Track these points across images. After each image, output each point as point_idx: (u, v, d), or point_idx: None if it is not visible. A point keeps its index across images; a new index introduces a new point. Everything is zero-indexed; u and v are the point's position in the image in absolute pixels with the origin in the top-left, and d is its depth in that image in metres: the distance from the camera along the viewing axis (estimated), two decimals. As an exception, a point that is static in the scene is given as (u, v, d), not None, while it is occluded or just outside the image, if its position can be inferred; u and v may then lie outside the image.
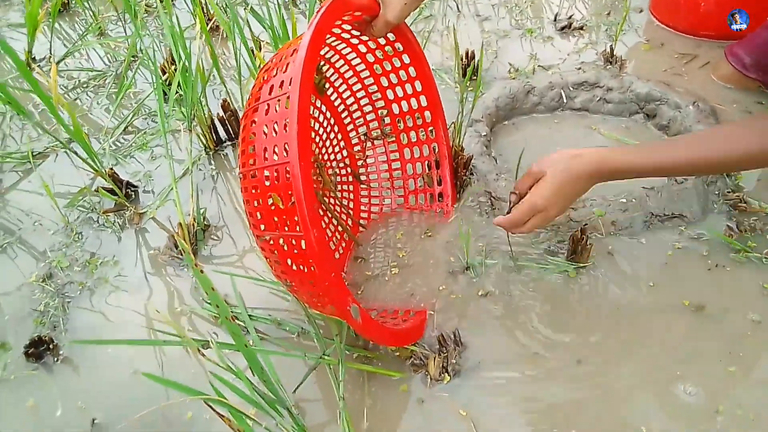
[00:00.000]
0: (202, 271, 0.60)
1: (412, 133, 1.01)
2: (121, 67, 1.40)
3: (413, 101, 0.98)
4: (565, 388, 0.76)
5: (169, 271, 0.96)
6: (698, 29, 1.33)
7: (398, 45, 0.92)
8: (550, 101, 1.22)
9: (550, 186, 0.73)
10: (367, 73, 0.97)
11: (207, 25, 1.45)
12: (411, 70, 0.95)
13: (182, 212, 0.97)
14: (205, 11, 1.47)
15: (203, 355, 0.61)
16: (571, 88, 1.22)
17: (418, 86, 0.96)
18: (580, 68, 1.26)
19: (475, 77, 1.28)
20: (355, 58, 0.95)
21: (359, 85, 0.99)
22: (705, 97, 1.15)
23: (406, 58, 0.93)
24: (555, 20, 1.43)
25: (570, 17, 1.42)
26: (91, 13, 1.54)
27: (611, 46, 1.27)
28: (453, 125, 1.01)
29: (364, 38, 0.90)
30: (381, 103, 1.01)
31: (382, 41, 0.91)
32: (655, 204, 0.96)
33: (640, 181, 1.00)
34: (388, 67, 0.95)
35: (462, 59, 1.27)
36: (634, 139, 1.12)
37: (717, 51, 1.28)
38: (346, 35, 0.88)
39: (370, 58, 0.95)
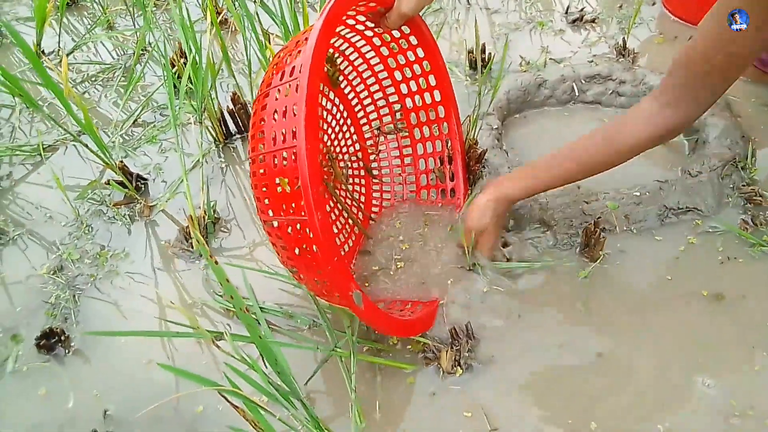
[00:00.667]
0: (216, 263, 0.60)
1: (425, 128, 1.00)
2: (129, 60, 1.40)
3: (427, 96, 0.97)
4: (584, 381, 0.75)
5: (180, 264, 0.96)
6: (711, 22, 1.32)
7: (412, 38, 0.91)
8: (562, 94, 1.21)
9: (494, 235, 0.88)
10: (381, 66, 0.96)
11: (217, 18, 1.45)
12: (425, 64, 0.94)
13: (192, 205, 0.97)
14: (214, 3, 1.47)
15: (218, 346, 0.61)
16: (583, 81, 1.21)
17: (432, 81, 0.95)
18: (592, 61, 1.24)
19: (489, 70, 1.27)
20: (370, 51, 0.94)
21: (373, 79, 0.98)
22: (719, 89, 1.14)
23: (420, 52, 0.93)
24: (566, 13, 1.42)
25: (581, 10, 1.41)
26: (100, 6, 1.54)
27: (624, 38, 1.26)
28: (468, 119, 1.00)
29: (379, 31, 0.89)
30: (395, 98, 1.00)
31: (396, 34, 0.90)
32: (669, 197, 0.95)
33: (653, 173, 1.00)
34: (402, 61, 0.95)
35: (473, 52, 1.26)
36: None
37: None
38: (360, 27, 0.88)
39: (385, 51, 0.94)
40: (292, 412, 0.68)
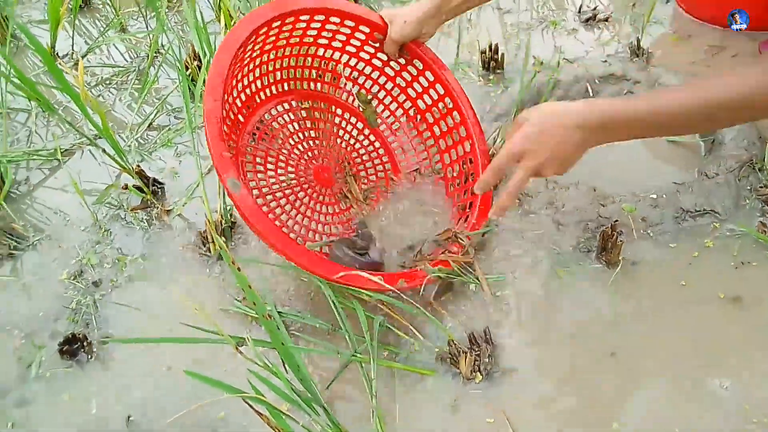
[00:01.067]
0: (239, 269, 0.60)
1: (456, 166, 1.01)
2: (143, 62, 1.40)
3: (454, 133, 0.99)
4: (603, 384, 0.76)
5: (197, 268, 0.97)
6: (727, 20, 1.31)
7: (418, 63, 0.97)
8: (576, 94, 1.20)
9: (531, 129, 0.67)
10: (409, 104, 1.03)
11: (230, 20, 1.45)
12: (438, 87, 0.98)
13: (210, 209, 0.97)
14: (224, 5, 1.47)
15: (241, 353, 0.61)
16: (597, 82, 1.20)
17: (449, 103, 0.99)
18: (606, 61, 1.24)
19: (499, 71, 1.27)
20: (394, 88, 1.02)
21: (405, 117, 1.04)
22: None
23: (430, 76, 0.97)
24: (579, 12, 1.41)
25: (594, 9, 1.40)
26: (112, 9, 1.54)
27: (638, 38, 1.25)
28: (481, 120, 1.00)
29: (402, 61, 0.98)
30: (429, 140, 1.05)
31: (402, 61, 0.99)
32: (685, 199, 0.95)
33: (669, 175, 1.00)
34: (419, 89, 1.01)
35: (486, 53, 1.26)
36: (662, 133, 1.10)
37: (746, 43, 1.26)
38: (378, 62, 0.98)
39: (402, 83, 1.02)
40: (313, 417, 0.69)
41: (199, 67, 1.24)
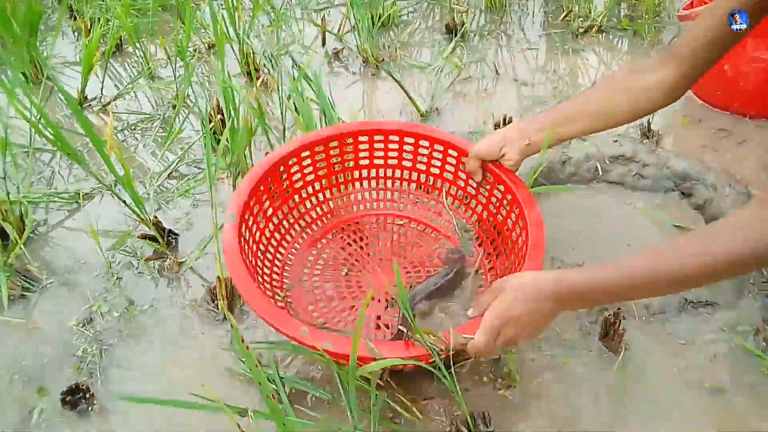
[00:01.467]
0: (247, 348, 0.62)
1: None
2: (168, 110, 1.45)
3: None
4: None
5: (204, 324, 0.98)
6: (737, 106, 1.34)
7: (501, 187, 0.96)
8: (586, 172, 1.23)
9: (505, 305, 0.69)
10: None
11: (250, 71, 1.50)
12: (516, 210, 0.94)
13: (221, 266, 0.99)
14: (252, 61, 1.53)
15: (242, 431, 0.62)
16: (607, 161, 1.23)
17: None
18: (616, 141, 1.27)
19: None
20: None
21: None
22: (743, 177, 1.16)
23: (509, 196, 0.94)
24: (592, 89, 1.45)
25: (608, 87, 1.44)
26: (142, 54, 1.60)
27: (649, 120, 1.28)
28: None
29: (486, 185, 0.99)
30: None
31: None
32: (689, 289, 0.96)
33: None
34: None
35: (500, 125, 1.30)
36: (669, 217, 1.12)
37: (753, 130, 1.29)
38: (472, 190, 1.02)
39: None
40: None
41: (223, 121, 1.28)
